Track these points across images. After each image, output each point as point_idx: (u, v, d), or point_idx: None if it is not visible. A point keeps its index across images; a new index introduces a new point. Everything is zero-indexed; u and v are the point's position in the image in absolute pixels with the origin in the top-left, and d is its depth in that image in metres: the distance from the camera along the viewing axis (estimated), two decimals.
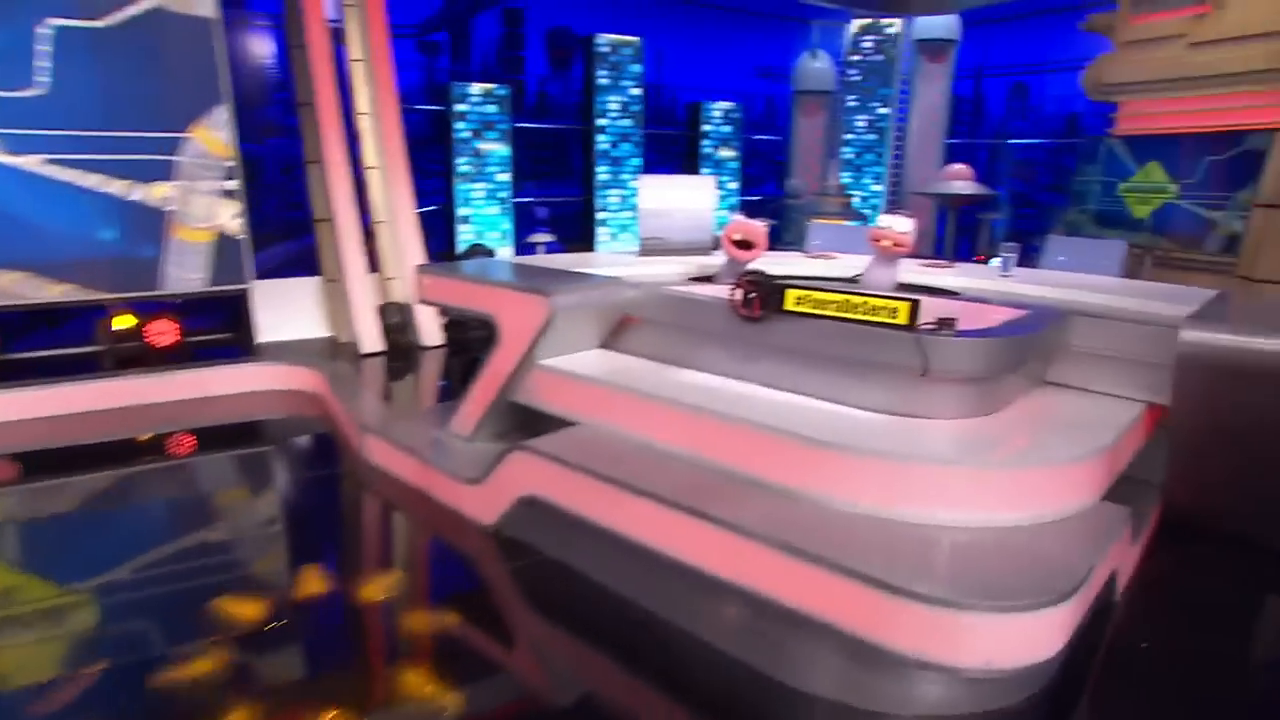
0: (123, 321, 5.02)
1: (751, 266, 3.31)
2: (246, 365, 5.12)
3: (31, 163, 4.58)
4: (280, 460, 4.38)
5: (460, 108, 6.35)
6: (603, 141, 7.23)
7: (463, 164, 6.51)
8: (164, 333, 5.13)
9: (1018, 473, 2.33)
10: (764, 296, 2.90)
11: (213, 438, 4.45)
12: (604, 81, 7.11)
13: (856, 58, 8.40)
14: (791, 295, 2.87)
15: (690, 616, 2.48)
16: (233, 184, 5.22)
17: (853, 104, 8.51)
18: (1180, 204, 4.97)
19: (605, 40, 7.06)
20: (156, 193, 4.98)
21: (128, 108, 4.80)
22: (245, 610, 2.61)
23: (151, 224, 5.00)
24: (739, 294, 2.94)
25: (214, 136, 5.13)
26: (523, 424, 3.54)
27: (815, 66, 8.53)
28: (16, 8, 4.40)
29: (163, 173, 4.99)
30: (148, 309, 5.16)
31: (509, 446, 3.08)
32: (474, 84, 6.46)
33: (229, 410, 4.81)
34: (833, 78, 8.58)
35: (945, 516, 2.33)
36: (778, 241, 6.82)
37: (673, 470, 2.75)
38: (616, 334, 3.55)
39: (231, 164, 5.21)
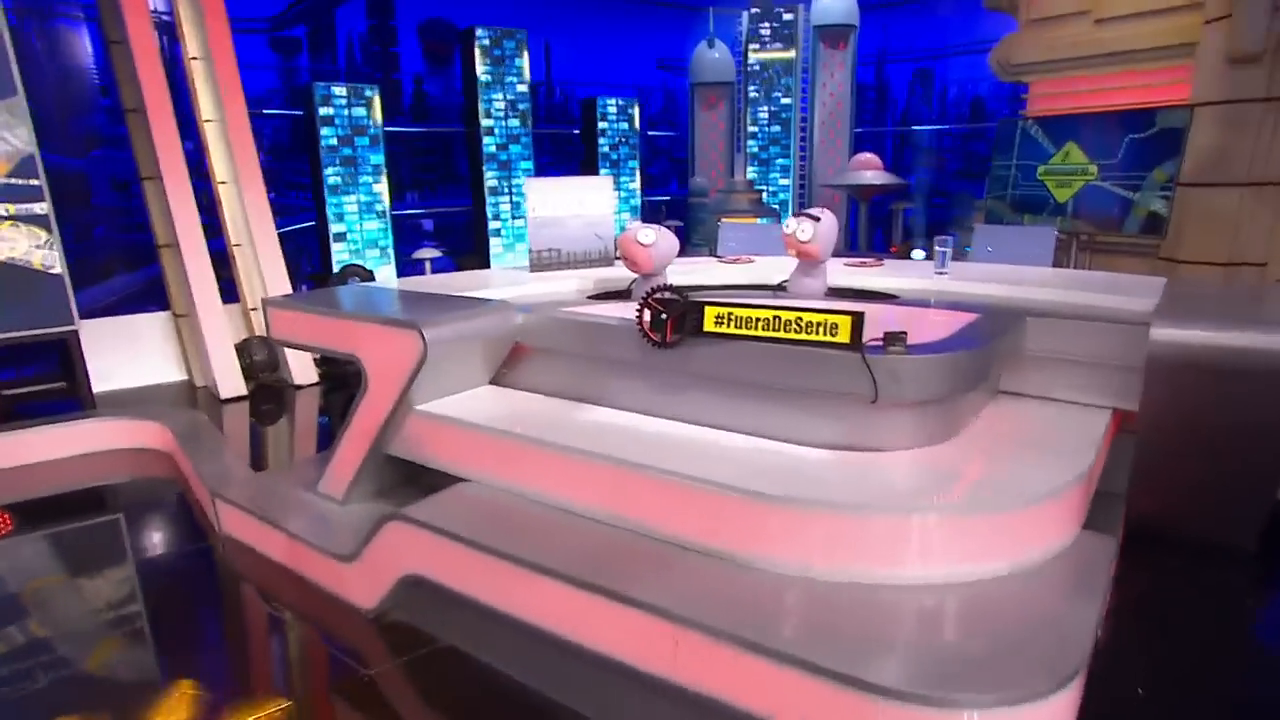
0: None
1: (663, 280, 2.83)
2: (77, 422, 4.28)
3: None
4: (118, 537, 3.61)
5: (325, 111, 5.63)
6: (490, 144, 6.61)
7: (332, 175, 5.78)
8: None
9: (996, 516, 1.94)
10: (677, 317, 2.43)
11: (35, 512, 3.65)
12: (487, 78, 6.49)
13: (755, 46, 8.10)
14: (711, 313, 2.41)
15: (613, 716, 1.99)
16: (40, 207, 4.36)
17: (754, 95, 8.22)
18: (1101, 185, 4.83)
19: (487, 32, 6.45)
20: None
21: None
22: None
23: None
24: (647, 315, 2.46)
25: None
26: (408, 477, 2.96)
27: (713, 57, 8.19)
28: None
29: None
30: None
31: (385, 514, 2.50)
32: (339, 85, 5.74)
33: (57, 477, 3.98)
34: (732, 68, 8.26)
35: (914, 574, 1.91)
36: (685, 245, 6.41)
37: (582, 535, 2.25)
38: (509, 366, 3.01)
39: (20, 183, 4.33)
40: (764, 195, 7.97)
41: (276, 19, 5.96)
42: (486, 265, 6.48)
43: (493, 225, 6.71)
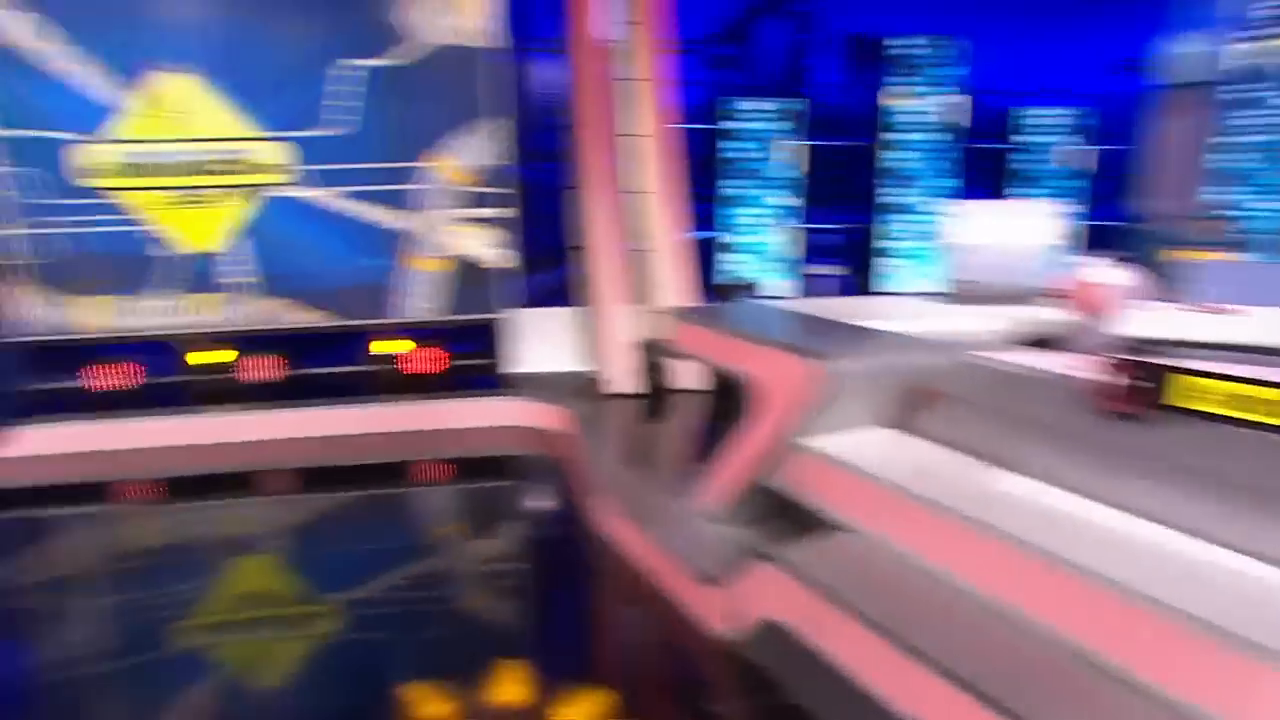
0: (381, 347, 5.23)
1: (1121, 331, 2.25)
2: (492, 399, 5.05)
3: (329, 196, 4.93)
4: (508, 510, 4.16)
5: (728, 125, 5.80)
6: (891, 159, 6.17)
7: (730, 187, 5.93)
8: (418, 360, 5.27)
9: None
10: (1150, 387, 1.87)
11: (450, 469, 4.46)
12: (902, 89, 6.06)
13: (1245, 36, 6.32)
14: (1187, 385, 1.82)
15: None
16: (492, 211, 5.22)
17: (1239, 97, 6.41)
18: None
19: (907, 42, 6.01)
20: (423, 221, 5.14)
21: (419, 139, 4.97)
22: (433, 708, 2.24)
23: (396, 249, 5.15)
24: (1115, 378, 1.94)
25: (455, 165, 5.15)
26: (785, 508, 2.83)
27: (1189, 52, 6.59)
28: (323, 50, 4.74)
29: (434, 202, 5.12)
30: (412, 335, 5.32)
31: (758, 550, 2.38)
32: (748, 100, 5.85)
33: (471, 443, 4.77)
34: (1210, 65, 6.56)
35: None
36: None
37: (983, 629, 1.86)
38: (912, 410, 2.68)
39: (491, 191, 5.20)
40: (1232, 226, 6.20)
41: (710, 38, 6.33)
42: (871, 286, 6.12)
43: (887, 244, 6.29)
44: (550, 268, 6.14)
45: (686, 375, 5.15)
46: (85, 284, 4.74)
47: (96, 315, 4.82)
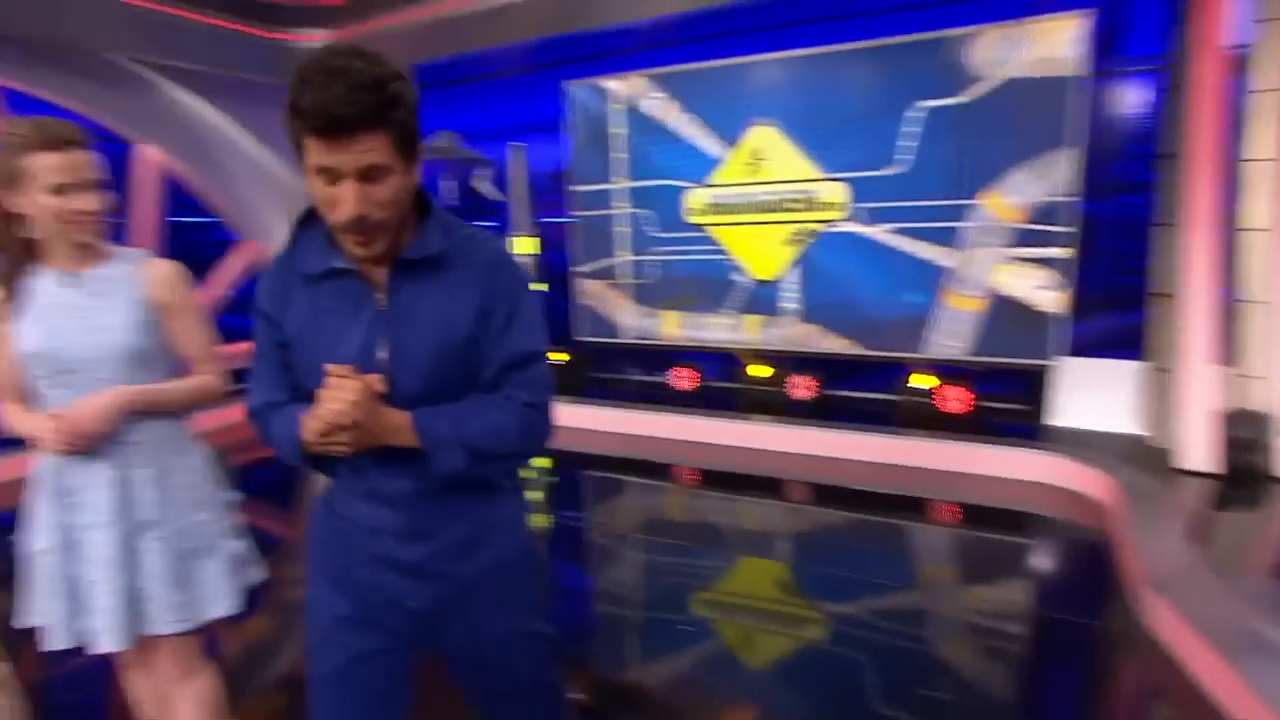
0: (920, 381, 5.20)
1: None
2: (1028, 451, 4.61)
3: (878, 232, 5.16)
4: (1029, 573, 3.72)
5: None
6: None
7: None
8: (954, 399, 5.09)
9: None
10: None
11: (966, 514, 4.22)
12: None
13: None
14: None
15: None
16: (1046, 250, 4.75)
17: None
18: None
19: None
20: (970, 258, 4.95)
21: (974, 176, 4.86)
22: None
23: (938, 285, 5.08)
24: None
25: (1004, 203, 4.75)
26: None
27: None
28: (893, 96, 4.95)
29: (984, 239, 4.91)
30: (943, 372, 5.21)
31: None
32: None
33: (995, 493, 4.45)
34: None
35: None
36: None
37: None
38: None
39: (1048, 229, 4.74)
40: None
41: None
42: None
43: None
44: (1109, 313, 5.35)
45: None
46: (673, 301, 5.99)
47: (675, 326, 6.02)
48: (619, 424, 5.87)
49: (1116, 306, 5.32)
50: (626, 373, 6.84)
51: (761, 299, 5.65)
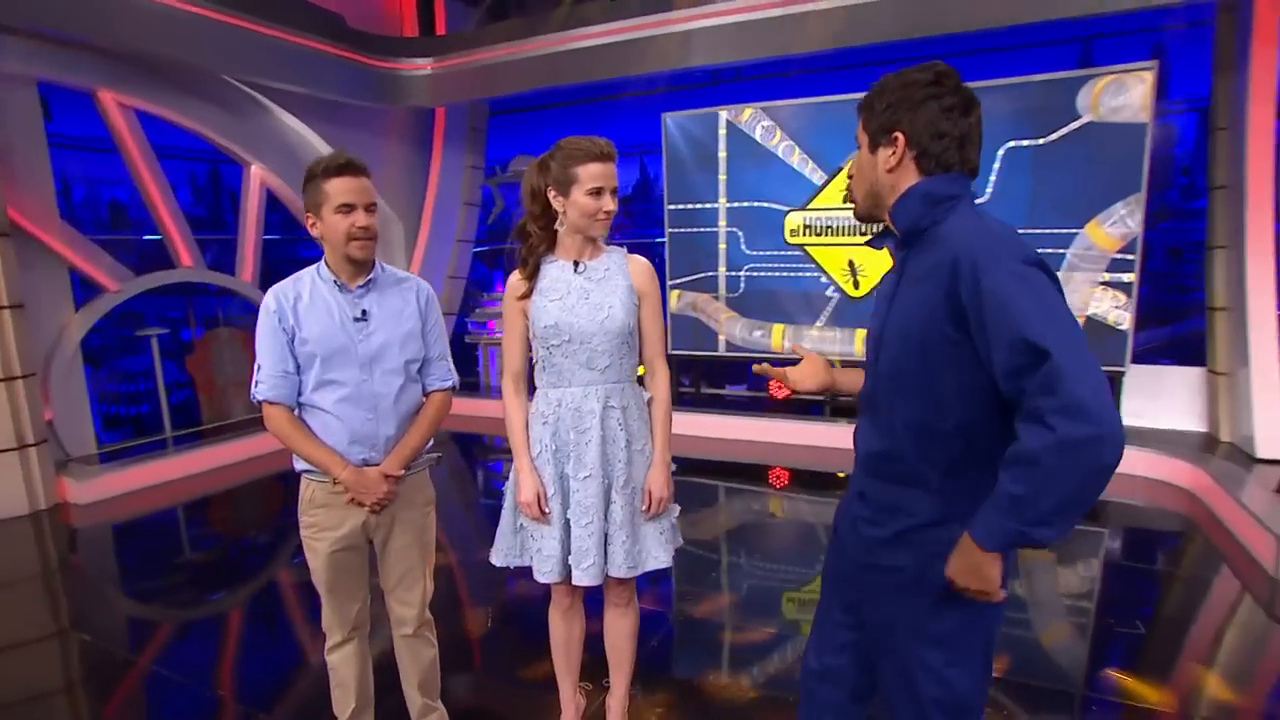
0: None
1: None
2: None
3: None
4: (1156, 554, 4.24)
5: None
6: None
7: None
8: None
9: None
10: None
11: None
12: None
13: None
14: None
15: None
16: (1121, 276, 5.35)
17: None
18: None
19: None
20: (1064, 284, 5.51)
21: (1049, 209, 5.45)
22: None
23: None
24: None
25: (1105, 231, 5.37)
26: None
27: None
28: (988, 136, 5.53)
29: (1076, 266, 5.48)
30: None
31: None
32: None
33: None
34: None
35: None
36: None
37: None
38: None
39: (1121, 257, 5.35)
40: None
41: None
42: None
43: None
44: (1166, 325, 6.03)
45: None
46: (769, 313, 6.47)
47: (773, 338, 6.50)
48: (715, 429, 6.30)
49: (1173, 320, 6.01)
50: (718, 383, 7.31)
51: (851, 313, 6.17)
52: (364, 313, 2.03)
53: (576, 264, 2.07)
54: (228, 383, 6.40)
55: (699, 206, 6.59)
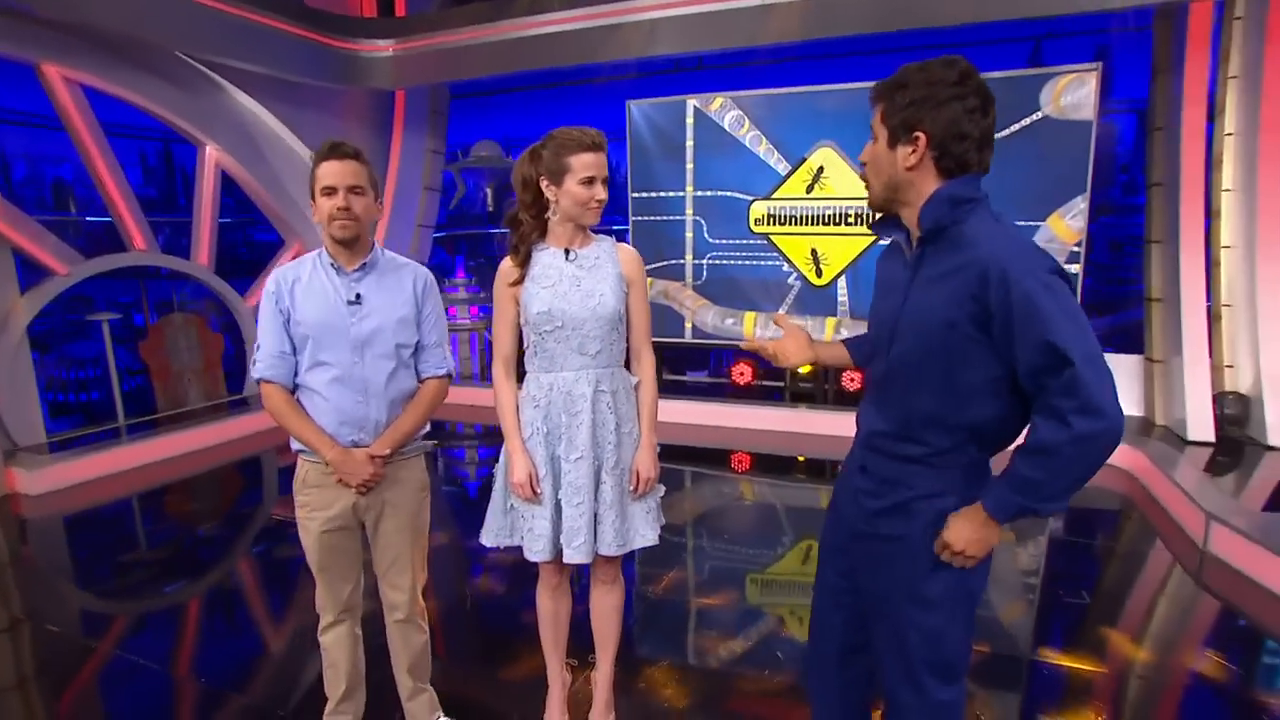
0: None
1: None
2: None
3: None
4: (1103, 526, 4.50)
5: None
6: None
7: None
8: None
9: None
10: None
11: None
12: None
13: None
14: None
15: None
16: (1069, 267, 5.61)
17: None
18: None
19: None
20: None
21: (1004, 204, 5.65)
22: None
23: None
24: None
25: (1066, 224, 5.64)
26: None
27: None
28: None
29: None
30: None
31: None
32: None
33: None
34: None
35: None
36: None
37: None
38: None
39: (1074, 249, 5.62)
40: None
41: None
42: None
43: None
44: (1105, 315, 6.35)
45: (1274, 430, 4.96)
46: (732, 300, 6.59)
47: (745, 325, 6.63)
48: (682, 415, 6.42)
49: (1114, 310, 6.33)
50: (679, 369, 7.44)
51: (814, 300, 6.33)
52: (358, 296, 2.05)
53: (567, 252, 2.12)
54: (183, 369, 6.24)
55: (663, 195, 6.66)
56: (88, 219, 6.81)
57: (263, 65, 6.16)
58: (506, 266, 2.15)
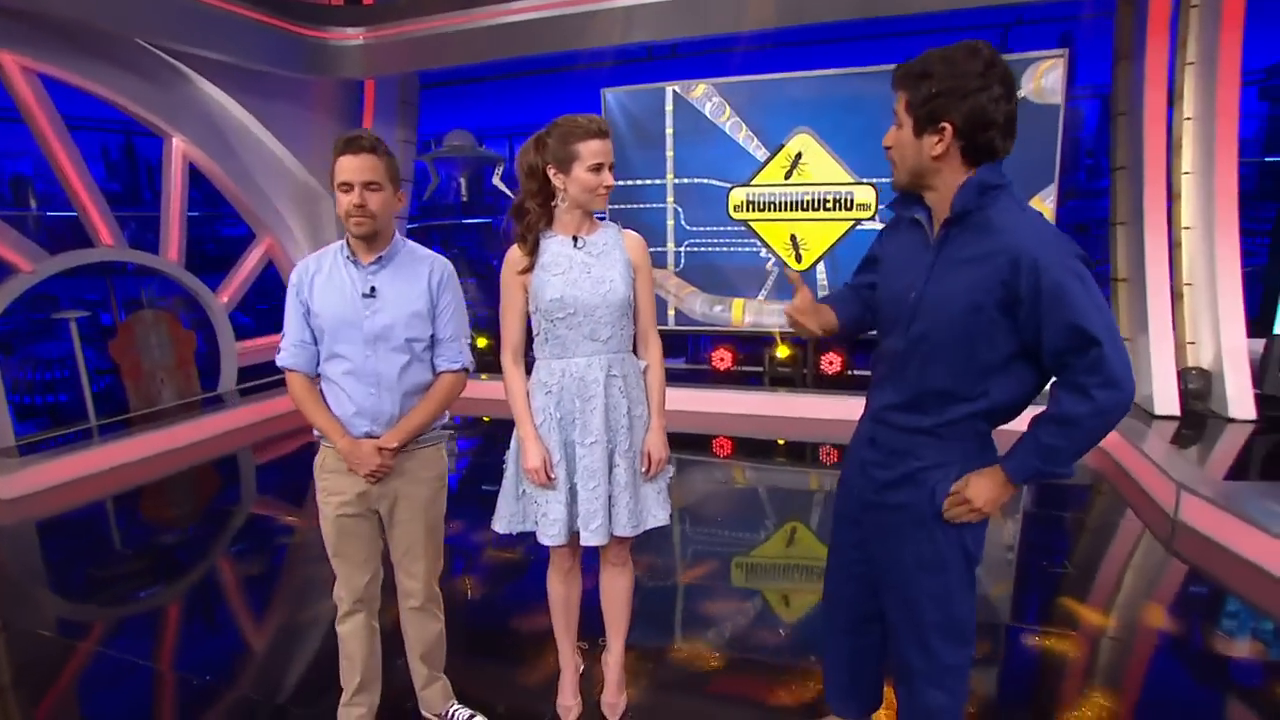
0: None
1: None
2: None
3: None
4: (1076, 497, 4.66)
5: None
6: None
7: None
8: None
9: None
10: None
11: None
12: None
13: None
14: None
15: None
16: None
17: None
18: None
19: None
20: None
21: None
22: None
23: None
24: None
25: (1046, 207, 5.79)
26: None
27: None
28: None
29: None
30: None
31: None
32: None
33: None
34: None
35: None
36: None
37: None
38: None
39: None
40: None
41: (1272, 69, 6.14)
42: None
43: None
44: None
45: (1234, 404, 5.18)
46: (712, 287, 6.65)
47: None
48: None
49: None
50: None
51: (791, 286, 6.41)
52: (372, 289, 2.04)
53: (576, 239, 2.13)
54: (155, 368, 6.09)
55: (641, 183, 6.67)
56: (48, 214, 6.59)
57: (229, 54, 6.01)
58: (515, 255, 2.15)
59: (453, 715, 2.37)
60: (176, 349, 6.19)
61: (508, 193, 7.83)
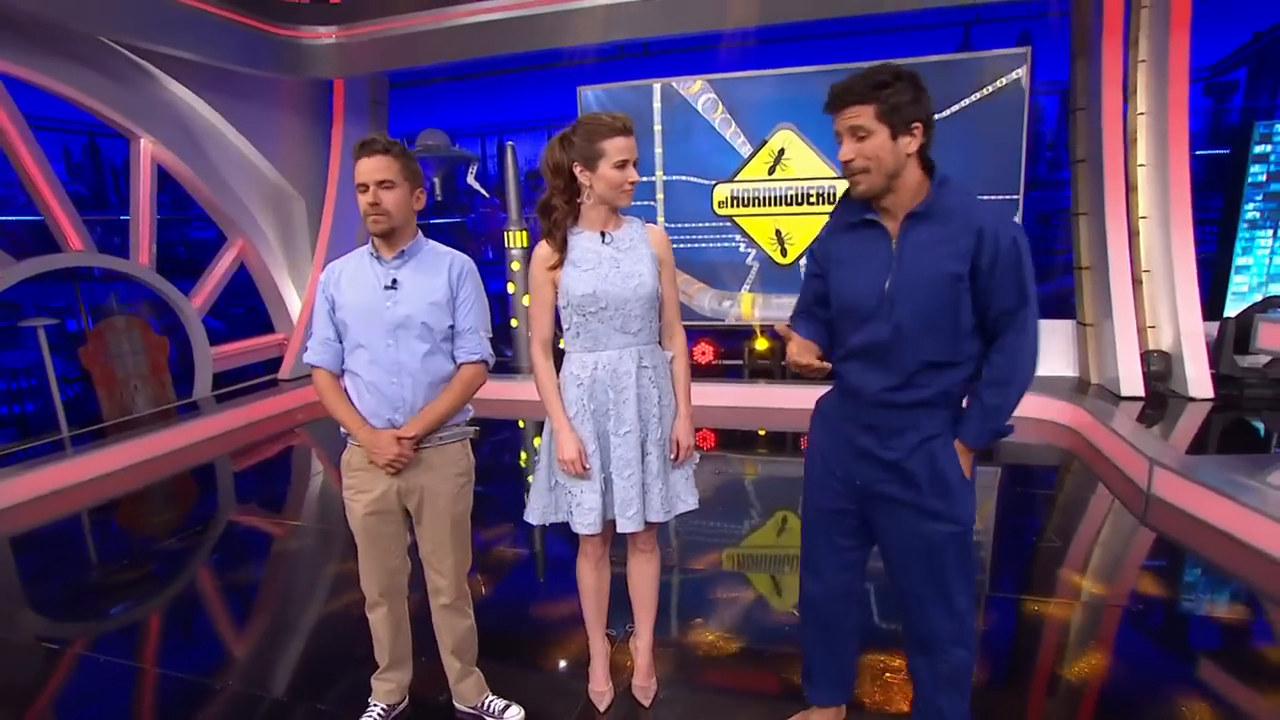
0: None
1: None
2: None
3: None
4: (1057, 476, 4.86)
5: (1261, 149, 5.88)
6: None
7: (1251, 210, 6.00)
8: None
9: None
10: None
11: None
12: None
13: None
14: None
15: None
16: None
17: None
18: None
19: None
20: None
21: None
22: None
23: None
24: None
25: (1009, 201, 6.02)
26: None
27: None
28: None
29: None
30: None
31: None
32: None
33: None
34: None
35: None
36: None
37: None
38: None
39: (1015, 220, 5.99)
40: None
41: (1217, 66, 6.47)
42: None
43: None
44: (1040, 283, 6.79)
45: (1194, 384, 5.46)
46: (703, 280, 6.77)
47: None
48: None
49: (1045, 278, 6.78)
50: None
51: (777, 279, 6.54)
52: (394, 281, 2.09)
53: (603, 235, 2.18)
54: (129, 375, 5.93)
55: None
56: (8, 219, 6.35)
57: (197, 53, 5.89)
58: (544, 251, 2.19)
59: (488, 705, 2.40)
60: (149, 355, 6.04)
61: (482, 191, 7.82)
